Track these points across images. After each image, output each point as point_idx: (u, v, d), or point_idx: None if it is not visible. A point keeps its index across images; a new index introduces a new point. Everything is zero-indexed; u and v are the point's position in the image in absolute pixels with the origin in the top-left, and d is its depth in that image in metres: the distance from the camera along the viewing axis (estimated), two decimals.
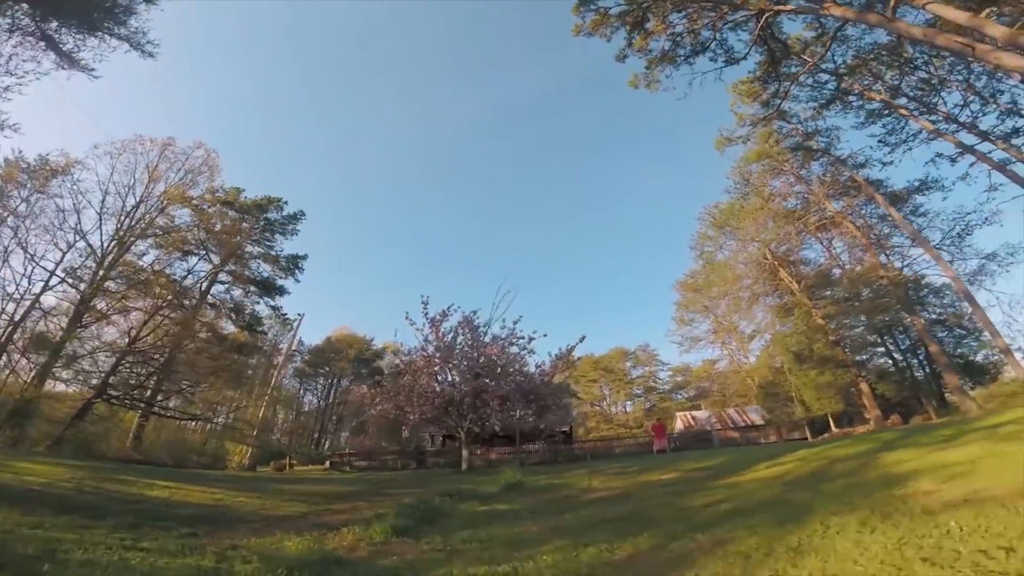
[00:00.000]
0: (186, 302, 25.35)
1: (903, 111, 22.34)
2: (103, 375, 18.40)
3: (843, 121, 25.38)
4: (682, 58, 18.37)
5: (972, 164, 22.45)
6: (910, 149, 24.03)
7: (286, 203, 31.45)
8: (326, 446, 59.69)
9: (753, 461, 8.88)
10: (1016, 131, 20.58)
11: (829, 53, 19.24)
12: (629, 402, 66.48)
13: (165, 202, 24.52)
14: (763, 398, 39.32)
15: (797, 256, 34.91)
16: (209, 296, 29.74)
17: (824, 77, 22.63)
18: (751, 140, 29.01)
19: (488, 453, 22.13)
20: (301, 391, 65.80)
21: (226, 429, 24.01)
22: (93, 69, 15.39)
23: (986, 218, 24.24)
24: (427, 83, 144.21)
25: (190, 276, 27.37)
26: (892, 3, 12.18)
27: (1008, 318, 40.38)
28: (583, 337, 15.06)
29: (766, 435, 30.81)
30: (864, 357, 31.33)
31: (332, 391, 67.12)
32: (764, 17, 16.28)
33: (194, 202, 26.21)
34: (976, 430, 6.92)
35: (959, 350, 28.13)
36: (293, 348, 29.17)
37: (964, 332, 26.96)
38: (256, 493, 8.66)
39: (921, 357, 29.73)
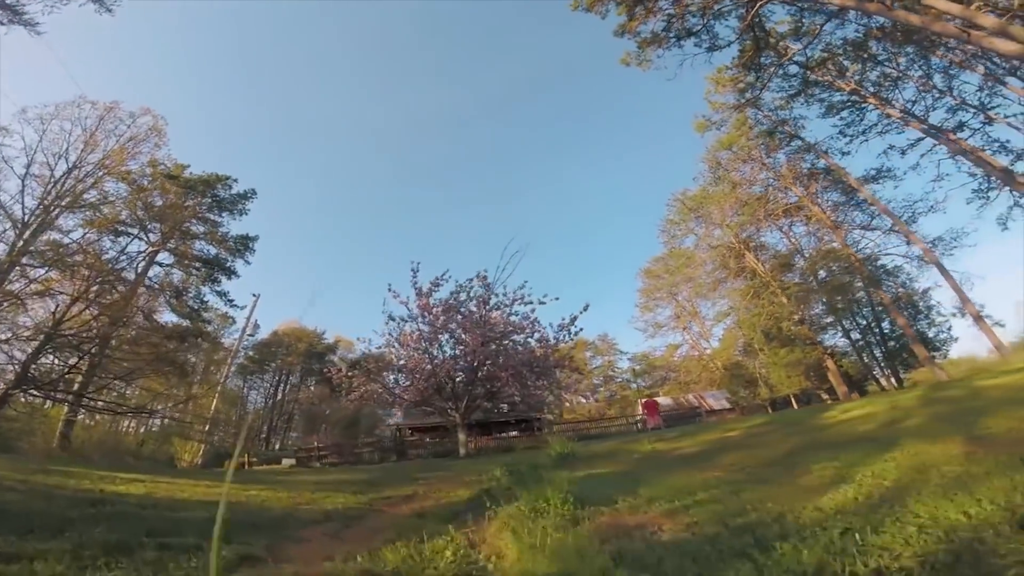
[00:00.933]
0: (120, 286, 22.26)
1: (872, 99, 23.33)
2: (21, 363, 15.32)
3: (808, 111, 26.45)
4: (673, 40, 18.41)
5: (923, 155, 23.90)
6: (866, 140, 25.31)
7: (235, 181, 28.87)
8: (276, 446, 55.71)
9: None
10: (962, 125, 22.02)
11: (801, 46, 20.10)
12: (590, 393, 67.17)
13: (101, 172, 21.73)
14: (728, 380, 40.69)
15: (759, 242, 36.30)
16: (147, 279, 26.41)
17: (793, 69, 23.36)
18: (725, 126, 29.77)
19: (469, 442, 20.91)
20: (245, 388, 61.22)
21: (172, 425, 21.12)
22: (37, 24, 13.18)
23: (931, 206, 25.81)
24: (405, 64, 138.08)
25: (124, 256, 24.04)
26: None
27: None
28: (587, 306, 14.03)
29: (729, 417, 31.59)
30: (827, 337, 32.94)
31: (280, 388, 62.88)
32: (758, 4, 16.27)
33: (133, 175, 23.54)
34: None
35: (913, 327, 30.32)
36: (249, 332, 26.29)
37: (916, 310, 28.84)
38: (264, 485, 7.01)
39: (878, 335, 31.60)
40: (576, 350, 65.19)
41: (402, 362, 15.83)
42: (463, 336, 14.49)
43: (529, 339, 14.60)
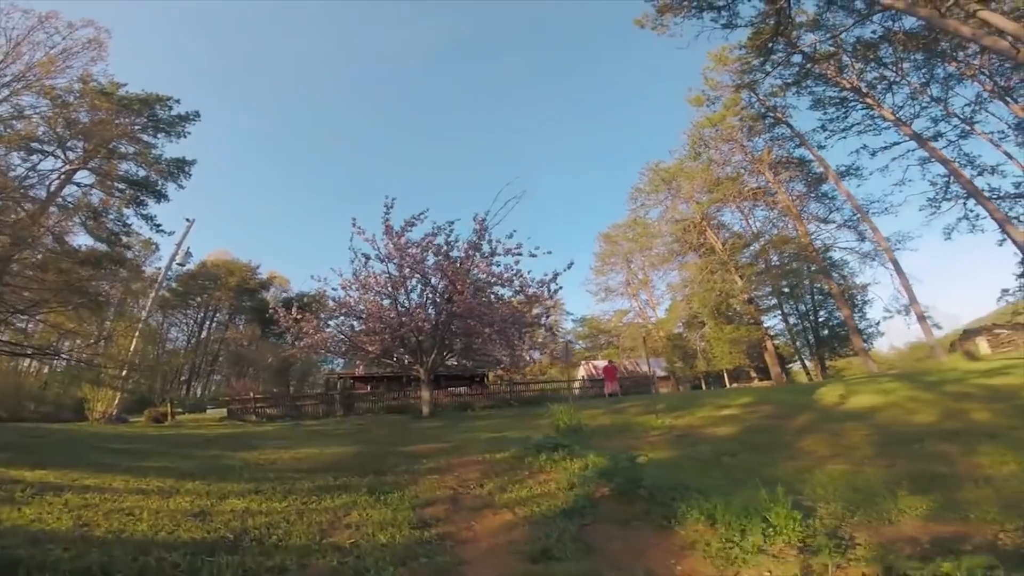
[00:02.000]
0: (26, 204, 18.80)
1: (868, 99, 23.42)
2: None
3: (798, 102, 26.70)
4: (694, 10, 17.81)
5: (894, 159, 24.62)
6: (844, 137, 25.76)
7: (177, 102, 25.45)
8: (198, 392, 51.48)
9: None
10: (940, 135, 22.65)
11: (815, 39, 20.13)
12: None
13: (19, 85, 20.02)
14: (669, 351, 42.16)
15: (718, 220, 36.88)
16: (60, 198, 22.47)
17: (797, 59, 23.05)
18: (716, 104, 29.24)
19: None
20: (165, 325, 55.77)
21: (82, 368, 18.02)
22: None
23: (886, 207, 26.58)
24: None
25: (35, 173, 20.88)
26: (948, 3, 13.13)
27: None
28: (571, 263, 12.88)
29: (664, 387, 32.47)
30: (766, 319, 34.54)
31: (205, 326, 57.84)
32: None
33: (58, 91, 21.43)
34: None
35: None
36: (178, 260, 22.63)
37: (854, 303, 30.65)
38: (222, 477, 5.08)
39: (813, 323, 33.54)
40: (554, 309, 65.48)
41: (361, 307, 13.99)
42: (437, 284, 12.89)
43: (516, 292, 13.23)
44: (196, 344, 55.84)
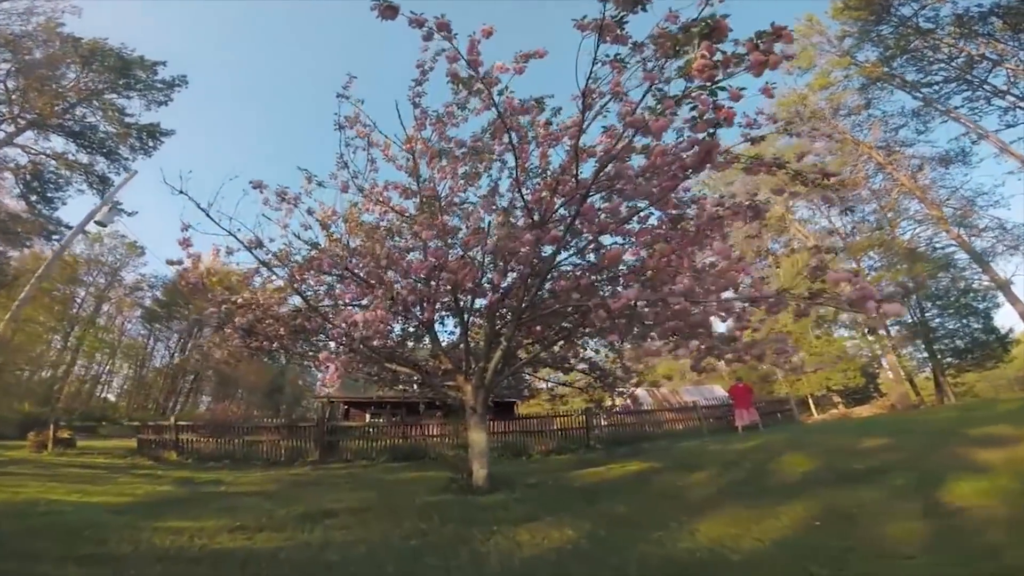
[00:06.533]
0: None
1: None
2: None
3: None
4: None
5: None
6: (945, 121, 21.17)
7: (164, 65, 20.05)
8: (172, 418, 44.58)
9: None
10: None
11: None
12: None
13: None
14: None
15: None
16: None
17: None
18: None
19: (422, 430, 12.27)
20: (150, 340, 50.14)
21: None
22: None
23: (996, 200, 21.74)
24: None
25: None
26: None
27: None
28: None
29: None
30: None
31: (189, 342, 51.40)
32: None
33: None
34: None
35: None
36: (98, 219, 14.90)
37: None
38: None
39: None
40: None
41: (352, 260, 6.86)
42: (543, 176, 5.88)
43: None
44: (177, 363, 49.11)
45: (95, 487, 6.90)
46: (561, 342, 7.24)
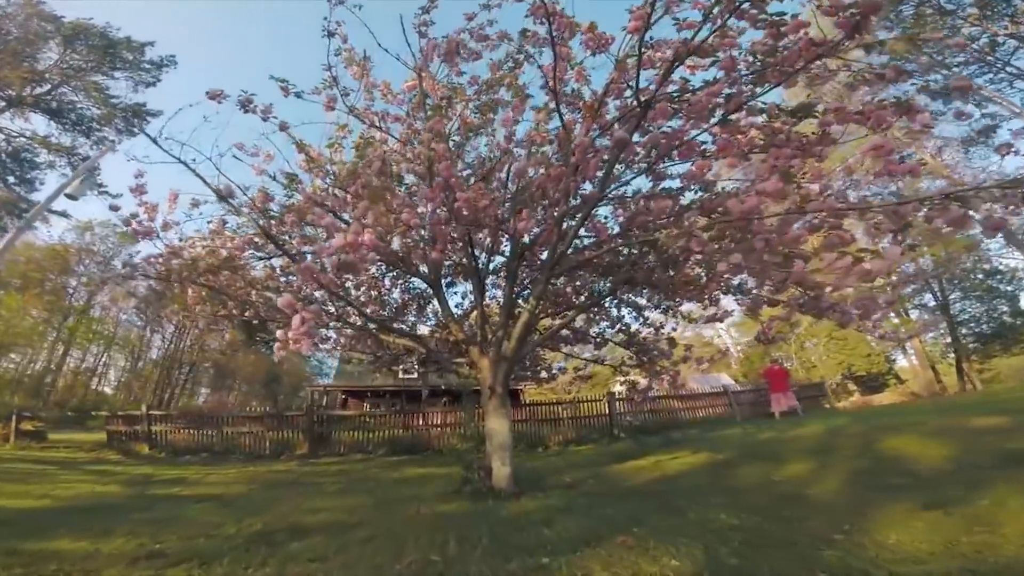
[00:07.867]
0: None
1: None
2: None
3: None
4: None
5: None
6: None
7: (151, 45, 18.70)
8: (144, 408, 43.54)
9: None
10: None
11: None
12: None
13: None
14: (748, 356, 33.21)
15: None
16: None
17: None
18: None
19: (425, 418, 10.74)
20: (147, 331, 49.15)
21: None
22: None
23: None
24: None
25: None
26: None
27: None
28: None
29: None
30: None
31: (187, 333, 50.26)
32: None
33: None
34: None
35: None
36: (69, 191, 13.39)
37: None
38: None
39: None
40: None
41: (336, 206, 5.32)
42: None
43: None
44: (173, 354, 47.97)
45: (21, 487, 5.56)
46: (596, 307, 5.86)
